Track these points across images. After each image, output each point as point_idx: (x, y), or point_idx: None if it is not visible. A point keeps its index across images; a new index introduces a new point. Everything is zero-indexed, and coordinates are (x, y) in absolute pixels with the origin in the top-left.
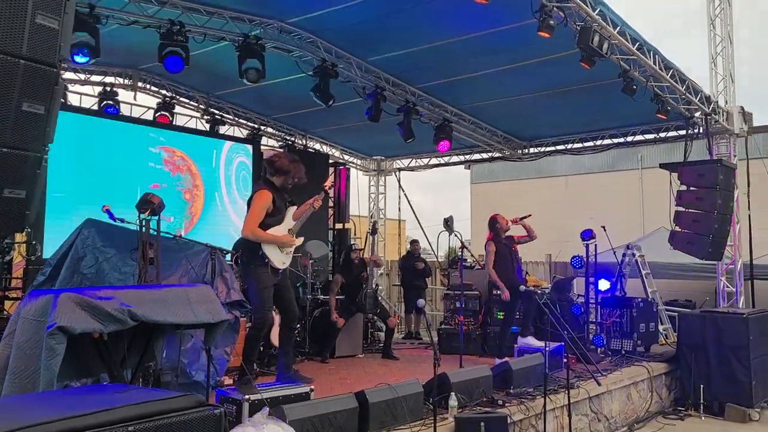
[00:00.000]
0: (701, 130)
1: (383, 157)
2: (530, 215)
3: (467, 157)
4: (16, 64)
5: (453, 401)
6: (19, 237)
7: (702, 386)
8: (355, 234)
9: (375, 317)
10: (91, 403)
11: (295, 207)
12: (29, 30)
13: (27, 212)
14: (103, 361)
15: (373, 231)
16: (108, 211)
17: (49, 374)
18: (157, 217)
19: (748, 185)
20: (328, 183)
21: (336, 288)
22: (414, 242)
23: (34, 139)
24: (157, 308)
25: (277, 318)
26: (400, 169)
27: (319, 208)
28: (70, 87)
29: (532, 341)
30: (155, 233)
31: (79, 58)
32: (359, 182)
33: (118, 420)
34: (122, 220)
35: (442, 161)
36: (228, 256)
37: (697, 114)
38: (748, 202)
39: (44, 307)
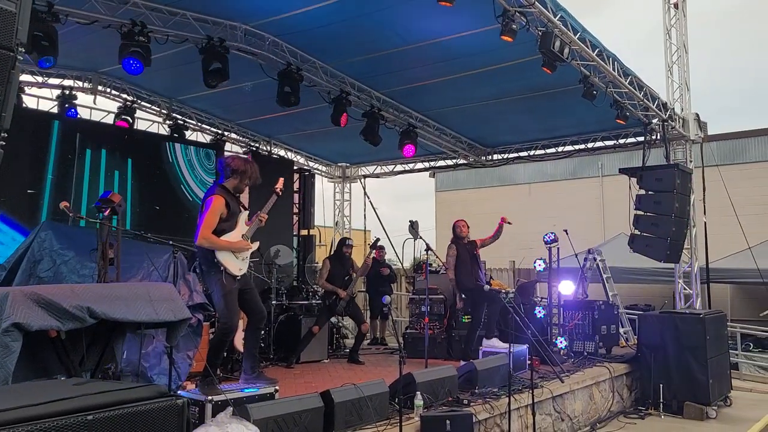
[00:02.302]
0: (658, 136)
1: (348, 164)
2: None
3: (432, 163)
4: None
5: (419, 400)
6: None
7: (661, 385)
8: (320, 241)
9: (342, 322)
10: (49, 393)
11: (248, 212)
12: None
13: None
14: (60, 361)
15: (373, 246)
16: (66, 207)
17: (4, 372)
18: (117, 216)
19: (704, 191)
20: (279, 185)
21: (325, 273)
22: (379, 248)
23: None
24: (117, 306)
25: (240, 323)
26: (365, 176)
27: (278, 206)
28: (27, 90)
29: (496, 343)
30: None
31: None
32: (324, 190)
33: (76, 409)
34: (81, 217)
35: (408, 168)
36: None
37: (655, 120)
38: (704, 207)
39: None
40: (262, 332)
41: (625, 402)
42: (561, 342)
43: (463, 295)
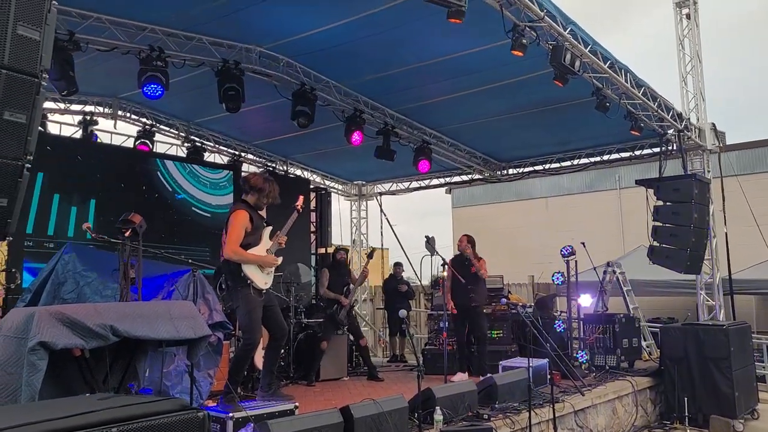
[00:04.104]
0: (675, 147)
1: (364, 182)
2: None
3: (447, 179)
4: None
5: (438, 415)
6: None
7: (686, 399)
8: None
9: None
10: (75, 407)
11: (271, 228)
12: (11, 40)
13: (9, 220)
14: (84, 380)
15: (370, 255)
16: (88, 228)
17: (31, 390)
18: (138, 237)
19: (723, 201)
20: (300, 202)
21: (325, 281)
22: (397, 265)
23: (15, 148)
24: (139, 324)
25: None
26: (381, 194)
27: (296, 225)
28: (50, 116)
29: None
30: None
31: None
32: (341, 208)
33: (101, 422)
34: (103, 238)
35: (423, 184)
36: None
37: (671, 131)
38: (724, 218)
39: (25, 324)
40: (282, 350)
41: (650, 416)
42: (582, 356)
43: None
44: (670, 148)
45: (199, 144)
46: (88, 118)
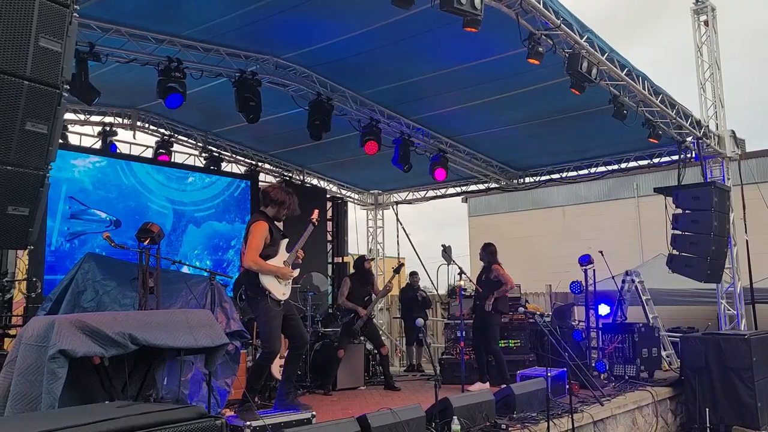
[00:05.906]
0: (694, 154)
1: (380, 191)
2: None
3: (464, 188)
4: (20, 85)
5: (456, 425)
6: (20, 274)
7: (707, 409)
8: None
9: (370, 345)
10: (94, 415)
11: (287, 240)
12: (33, 52)
13: (30, 229)
14: (104, 387)
15: (397, 270)
16: (108, 238)
17: (51, 398)
18: (156, 246)
19: (744, 209)
20: (315, 216)
21: (345, 291)
22: (413, 274)
23: (37, 158)
24: (157, 332)
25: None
26: (397, 203)
27: (312, 234)
28: (70, 127)
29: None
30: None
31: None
32: (357, 217)
33: (120, 429)
34: (122, 246)
35: (440, 193)
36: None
37: (689, 138)
38: (745, 226)
39: (45, 332)
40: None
41: (670, 427)
42: (600, 366)
43: None
44: (688, 155)
45: (217, 154)
46: (108, 129)
